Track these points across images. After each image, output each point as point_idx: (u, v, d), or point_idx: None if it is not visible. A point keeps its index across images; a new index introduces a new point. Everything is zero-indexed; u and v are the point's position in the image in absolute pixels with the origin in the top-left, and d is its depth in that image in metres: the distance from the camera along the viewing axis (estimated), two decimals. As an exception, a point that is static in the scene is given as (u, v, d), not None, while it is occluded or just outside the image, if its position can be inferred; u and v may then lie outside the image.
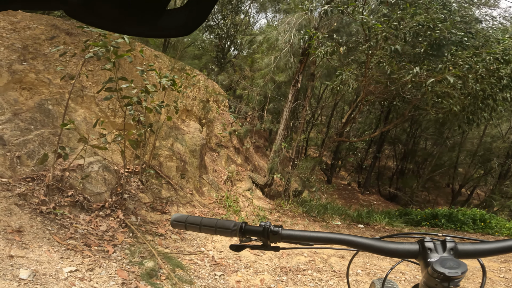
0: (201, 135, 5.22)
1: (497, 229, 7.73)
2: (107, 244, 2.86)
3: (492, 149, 11.06)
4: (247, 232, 0.69)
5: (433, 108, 6.07)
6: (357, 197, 12.97)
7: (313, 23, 6.99)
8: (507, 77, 5.35)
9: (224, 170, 5.98)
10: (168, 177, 4.27)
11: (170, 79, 3.38)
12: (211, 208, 4.93)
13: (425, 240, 0.58)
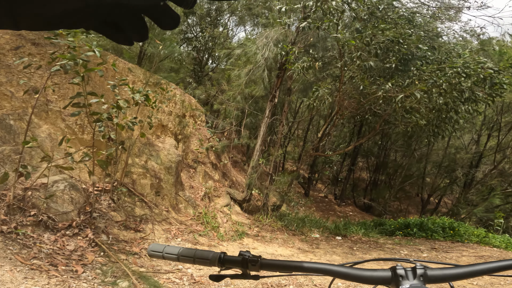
0: (177, 151, 5.08)
1: (466, 236, 8.07)
2: (76, 264, 2.70)
3: (456, 159, 11.85)
4: (226, 262, 0.69)
5: (402, 122, 6.36)
6: (334, 209, 13.18)
7: (290, 38, 7.17)
8: (468, 90, 5.68)
9: (201, 187, 5.83)
10: (142, 195, 4.07)
11: (144, 94, 3.28)
12: (188, 225, 4.76)
13: (397, 267, 0.60)
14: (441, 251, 7.06)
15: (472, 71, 5.38)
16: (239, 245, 5.48)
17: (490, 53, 9.81)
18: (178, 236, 4.32)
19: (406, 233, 8.58)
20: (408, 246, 7.35)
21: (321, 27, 5.68)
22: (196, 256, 0.70)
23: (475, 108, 6.20)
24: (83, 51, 2.61)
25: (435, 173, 12.31)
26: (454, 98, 5.80)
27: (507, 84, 5.72)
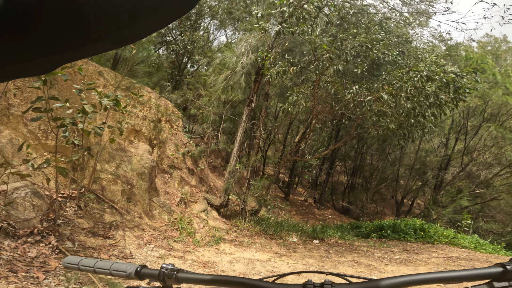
0: (150, 157, 5.00)
1: (436, 237, 8.30)
2: (37, 271, 2.62)
3: (426, 162, 12.40)
4: (145, 275, 0.70)
5: (373, 126, 6.55)
6: (313, 212, 13.35)
7: (268, 42, 7.26)
8: (433, 94, 5.89)
9: (177, 192, 5.76)
10: (112, 201, 3.96)
11: (113, 99, 3.22)
12: (162, 231, 4.68)
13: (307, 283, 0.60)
14: (412, 253, 7.22)
15: (436, 76, 5.61)
16: (215, 250, 5.43)
17: (456, 58, 10.38)
18: (151, 243, 4.23)
19: (381, 235, 8.78)
20: (381, 248, 7.50)
21: (295, 32, 5.80)
22: (112, 269, 0.71)
23: (440, 112, 6.47)
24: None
25: (408, 175, 12.82)
26: (420, 102, 6.00)
27: (469, 88, 6.02)
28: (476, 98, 9.89)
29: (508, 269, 0.56)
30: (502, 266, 0.57)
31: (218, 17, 12.73)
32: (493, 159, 11.17)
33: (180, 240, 4.84)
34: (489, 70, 9.89)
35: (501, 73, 10.31)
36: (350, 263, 6.09)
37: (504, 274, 0.56)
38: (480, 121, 10.80)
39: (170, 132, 6.51)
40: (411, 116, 6.39)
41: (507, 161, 10.99)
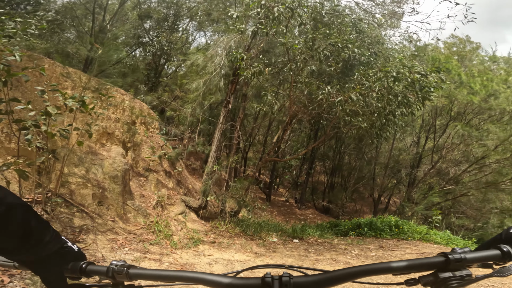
0: (124, 160, 4.92)
1: (409, 234, 8.51)
2: (2, 274, 2.53)
3: (400, 160, 12.88)
4: (91, 272, 0.66)
5: (346, 125, 6.71)
6: (295, 212, 13.48)
7: (245, 44, 7.29)
8: (401, 94, 6.09)
9: (153, 195, 5.68)
10: (81, 205, 3.87)
11: (79, 100, 3.15)
12: (138, 235, 4.61)
13: (265, 276, 0.60)
14: (387, 249, 7.39)
15: (402, 76, 5.83)
16: (194, 252, 5.40)
17: (424, 59, 10.86)
18: (125, 246, 4.17)
19: (358, 233, 8.93)
20: (359, 246, 7.65)
21: (269, 33, 5.88)
22: None
23: (409, 112, 6.72)
24: (6, 55, 2.46)
25: (383, 174, 13.24)
26: (390, 101, 6.19)
27: (434, 87, 6.31)
28: (443, 98, 10.40)
29: (451, 258, 0.56)
30: (444, 255, 0.58)
31: (197, 19, 12.68)
32: (461, 156, 11.78)
33: (156, 243, 4.78)
34: (454, 71, 10.44)
35: (466, 73, 10.92)
36: (328, 261, 6.20)
37: (447, 263, 0.57)
38: (448, 120, 11.38)
39: (146, 135, 6.41)
40: (382, 115, 6.56)
41: (474, 158, 11.63)
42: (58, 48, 8.13)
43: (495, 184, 11.61)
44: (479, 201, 12.98)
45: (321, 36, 5.86)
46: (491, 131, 10.28)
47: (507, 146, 10.55)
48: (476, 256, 0.57)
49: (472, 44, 14.94)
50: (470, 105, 10.55)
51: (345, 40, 6.07)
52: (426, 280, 0.57)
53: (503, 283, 4.16)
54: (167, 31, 11.68)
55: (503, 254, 0.57)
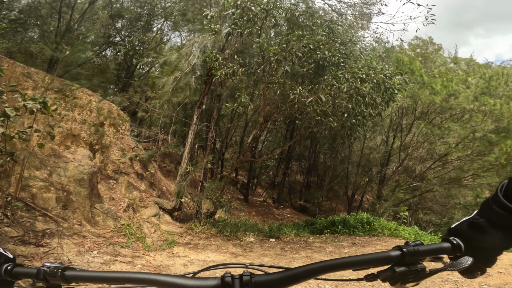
0: (91, 162, 4.77)
1: (380, 230, 8.76)
2: None
3: (370, 159, 13.41)
4: (19, 275, 0.60)
5: (318, 125, 6.87)
6: (272, 212, 13.58)
7: (220, 44, 7.27)
8: (368, 95, 6.30)
9: (124, 198, 5.54)
10: (44, 209, 3.72)
11: (41, 101, 3.04)
12: (107, 238, 4.49)
13: (225, 276, 0.57)
14: (359, 246, 7.59)
15: (369, 77, 6.06)
16: (168, 254, 5.33)
17: (391, 60, 11.37)
18: (94, 249, 4.05)
19: (333, 231, 9.05)
20: (333, 243, 7.80)
21: (244, 33, 5.93)
22: None
23: (376, 112, 7.01)
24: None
25: (356, 172, 13.71)
26: (358, 102, 6.40)
27: (398, 89, 6.63)
28: (408, 98, 10.99)
29: (405, 252, 0.56)
30: (400, 249, 0.57)
31: (172, 19, 12.49)
32: (425, 154, 12.47)
33: (128, 245, 4.68)
34: (417, 72, 11.08)
35: (428, 74, 11.61)
36: (303, 259, 6.30)
37: (402, 257, 0.57)
38: (413, 119, 12.04)
39: (115, 136, 6.24)
40: (351, 116, 6.78)
41: (438, 155, 12.36)
42: (21, 48, 7.72)
43: (458, 180, 12.37)
44: (443, 197, 13.67)
45: (295, 38, 5.96)
46: (452, 129, 11.00)
47: (467, 143, 11.34)
48: (428, 248, 0.58)
49: (434, 45, 15.86)
50: (433, 104, 11.23)
51: (316, 41, 6.18)
52: (385, 275, 0.57)
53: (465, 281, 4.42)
54: (139, 30, 11.42)
55: (453, 247, 0.57)
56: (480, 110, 10.92)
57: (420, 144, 12.17)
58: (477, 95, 10.98)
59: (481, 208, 0.58)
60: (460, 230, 0.59)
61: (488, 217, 0.56)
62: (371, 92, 6.41)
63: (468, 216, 0.61)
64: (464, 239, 0.58)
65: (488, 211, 0.56)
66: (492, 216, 0.55)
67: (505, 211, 0.52)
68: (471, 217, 0.59)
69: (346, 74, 6.01)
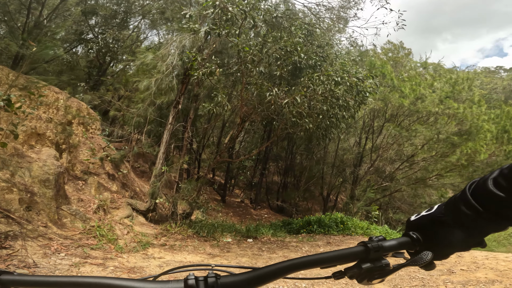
0: (57, 163, 4.54)
1: (353, 229, 9.03)
2: None
3: (344, 160, 13.87)
4: None
5: (293, 127, 7.00)
6: (250, 213, 13.61)
7: (198, 44, 7.20)
8: (342, 97, 6.48)
9: (93, 199, 5.33)
10: (7, 211, 3.51)
11: (4, 99, 2.86)
12: (76, 240, 4.31)
13: (188, 278, 0.54)
14: (334, 245, 7.77)
15: (342, 80, 6.26)
16: (142, 255, 5.21)
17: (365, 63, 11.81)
18: (61, 251, 3.89)
19: (309, 230, 9.21)
20: (309, 243, 7.93)
21: (221, 34, 5.92)
22: None
23: (349, 115, 7.25)
24: None
25: (331, 173, 14.09)
26: (332, 104, 6.58)
27: (369, 92, 6.90)
28: (379, 101, 11.50)
29: (370, 247, 0.56)
30: (364, 245, 0.57)
31: (149, 17, 12.19)
32: (394, 155, 13.10)
33: (98, 247, 4.53)
34: (388, 75, 11.63)
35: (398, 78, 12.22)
36: (280, 258, 6.38)
37: (367, 253, 0.56)
38: (383, 122, 12.62)
39: (84, 136, 5.99)
40: (326, 118, 6.96)
41: (405, 156, 13.02)
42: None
43: (423, 180, 13.08)
44: (411, 197, 14.37)
45: (272, 39, 6.02)
46: (418, 131, 11.65)
47: (432, 145, 12.04)
48: (391, 244, 0.57)
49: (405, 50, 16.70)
50: (402, 107, 11.83)
51: (294, 43, 6.26)
52: (351, 272, 0.56)
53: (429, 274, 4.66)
54: (114, 28, 11.04)
55: (413, 241, 0.57)
56: (444, 113, 11.65)
57: (389, 145, 12.76)
58: (442, 99, 11.71)
59: (446, 205, 0.57)
60: (421, 225, 0.59)
61: (453, 215, 0.55)
62: (345, 94, 6.59)
63: (428, 210, 0.60)
64: (425, 234, 0.58)
65: (454, 209, 0.55)
66: (457, 214, 0.54)
67: (471, 211, 0.52)
68: (433, 213, 0.58)
69: (322, 77, 6.14)
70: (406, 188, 13.08)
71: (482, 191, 0.52)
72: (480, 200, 0.52)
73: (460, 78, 12.93)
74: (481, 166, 11.61)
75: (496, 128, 11.98)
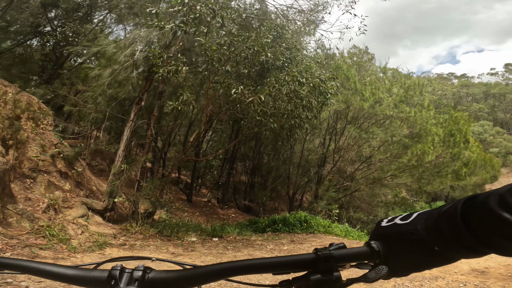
0: (2, 159, 4.22)
1: (316, 227, 9.30)
2: None
3: (309, 160, 14.35)
4: None
5: (258, 126, 7.12)
6: (217, 213, 13.52)
7: (165, 41, 7.05)
8: (305, 97, 6.64)
9: (43, 198, 5.02)
10: None
11: None
12: (22, 239, 4.07)
13: (113, 268, 0.51)
14: (297, 243, 7.94)
15: (305, 80, 6.47)
16: (99, 255, 5.02)
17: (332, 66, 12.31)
18: (6, 251, 3.66)
19: (274, 229, 9.37)
20: (273, 241, 8.06)
21: (188, 32, 5.85)
22: None
23: (312, 115, 7.53)
24: None
25: (297, 173, 14.49)
26: (297, 104, 6.76)
27: (331, 93, 7.21)
28: (342, 103, 12.09)
29: (320, 256, 0.49)
30: (315, 252, 0.50)
31: (116, 11, 11.66)
32: (355, 156, 13.83)
33: (48, 247, 4.30)
34: (352, 79, 12.28)
35: (360, 82, 12.93)
36: (245, 256, 6.42)
37: (316, 263, 0.49)
38: (345, 123, 13.28)
39: (34, 131, 5.60)
40: (290, 118, 7.14)
41: (364, 157, 13.79)
42: None
43: (379, 180, 13.94)
44: (369, 196, 15.16)
45: (239, 39, 6.07)
46: (376, 134, 12.41)
47: (387, 146, 12.89)
48: (346, 253, 0.49)
49: (368, 55, 17.71)
50: (362, 110, 12.53)
51: (262, 44, 6.31)
52: (299, 284, 0.50)
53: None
54: (76, 22, 10.43)
55: (371, 251, 0.49)
56: (398, 117, 12.54)
57: (350, 146, 13.43)
58: (397, 103, 12.61)
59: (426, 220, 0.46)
60: (391, 234, 0.49)
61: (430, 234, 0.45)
62: (308, 95, 6.83)
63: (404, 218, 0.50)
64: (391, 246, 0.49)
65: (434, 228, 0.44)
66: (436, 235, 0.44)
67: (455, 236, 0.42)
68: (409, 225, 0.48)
69: (287, 77, 6.29)
70: (365, 188, 13.83)
71: (480, 212, 0.40)
72: (473, 222, 0.40)
73: (413, 84, 14.00)
74: (429, 167, 12.66)
75: (444, 132, 13.15)
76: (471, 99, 67.14)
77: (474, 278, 4.27)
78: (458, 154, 12.67)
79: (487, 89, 67.23)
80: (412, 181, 13.29)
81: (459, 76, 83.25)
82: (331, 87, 7.23)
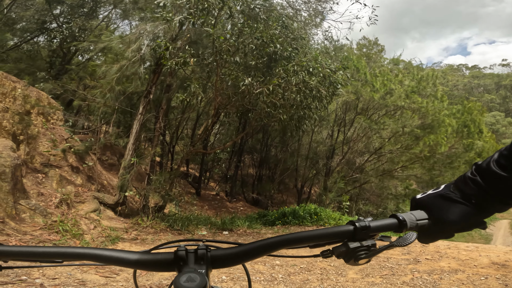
0: (14, 154, 4.22)
1: (326, 220, 9.21)
2: None
3: (317, 152, 14.20)
4: None
5: (267, 117, 7.02)
6: (225, 206, 13.57)
7: (172, 34, 6.96)
8: (315, 88, 6.55)
9: (55, 193, 5.03)
10: (-48, 208, 3.20)
11: None
12: (36, 235, 4.08)
13: (179, 249, 0.54)
14: None
15: (315, 70, 6.32)
16: (111, 250, 5.04)
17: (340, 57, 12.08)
18: (19, 248, 3.66)
19: (284, 222, 9.31)
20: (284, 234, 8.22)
21: (196, 23, 5.74)
22: None
23: (321, 106, 7.38)
24: None
25: (305, 165, 14.36)
26: (306, 95, 6.63)
27: (341, 84, 7.05)
28: (352, 94, 11.87)
29: (358, 226, 0.56)
30: (352, 224, 0.57)
31: (121, 6, 11.57)
32: (364, 147, 13.63)
33: (62, 243, 4.32)
34: (362, 70, 12.02)
35: (370, 73, 12.66)
36: None
37: (355, 232, 0.56)
38: (354, 114, 13.06)
39: (45, 126, 5.60)
40: (299, 108, 7.03)
41: (374, 148, 13.59)
42: None
43: (390, 172, 13.75)
44: (378, 188, 15.01)
45: (248, 30, 5.95)
46: (386, 124, 12.19)
47: (398, 137, 12.66)
48: (378, 224, 0.58)
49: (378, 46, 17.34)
50: (372, 101, 12.29)
51: (270, 35, 6.21)
52: (339, 251, 0.57)
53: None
54: (82, 17, 10.39)
55: (399, 222, 0.58)
56: (410, 108, 12.27)
57: (360, 138, 13.23)
58: (408, 93, 12.32)
59: (455, 183, 0.57)
60: (428, 201, 0.59)
61: (462, 192, 0.55)
62: (318, 85, 6.69)
63: (435, 189, 0.60)
64: (430, 211, 0.58)
65: (464, 186, 0.56)
66: (466, 191, 0.55)
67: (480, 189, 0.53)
68: (441, 191, 0.59)
69: (296, 67, 6.16)
70: (374, 180, 13.66)
71: (487, 173, 0.53)
72: (486, 181, 0.53)
73: (426, 75, 13.64)
74: (442, 158, 12.41)
75: (457, 122, 12.84)
76: (482, 90, 65.73)
77: (495, 271, 4.15)
78: (471, 145, 12.37)
79: (499, 80, 65.71)
80: (423, 172, 13.06)
81: (470, 67, 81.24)
82: (342, 76, 7.07)
